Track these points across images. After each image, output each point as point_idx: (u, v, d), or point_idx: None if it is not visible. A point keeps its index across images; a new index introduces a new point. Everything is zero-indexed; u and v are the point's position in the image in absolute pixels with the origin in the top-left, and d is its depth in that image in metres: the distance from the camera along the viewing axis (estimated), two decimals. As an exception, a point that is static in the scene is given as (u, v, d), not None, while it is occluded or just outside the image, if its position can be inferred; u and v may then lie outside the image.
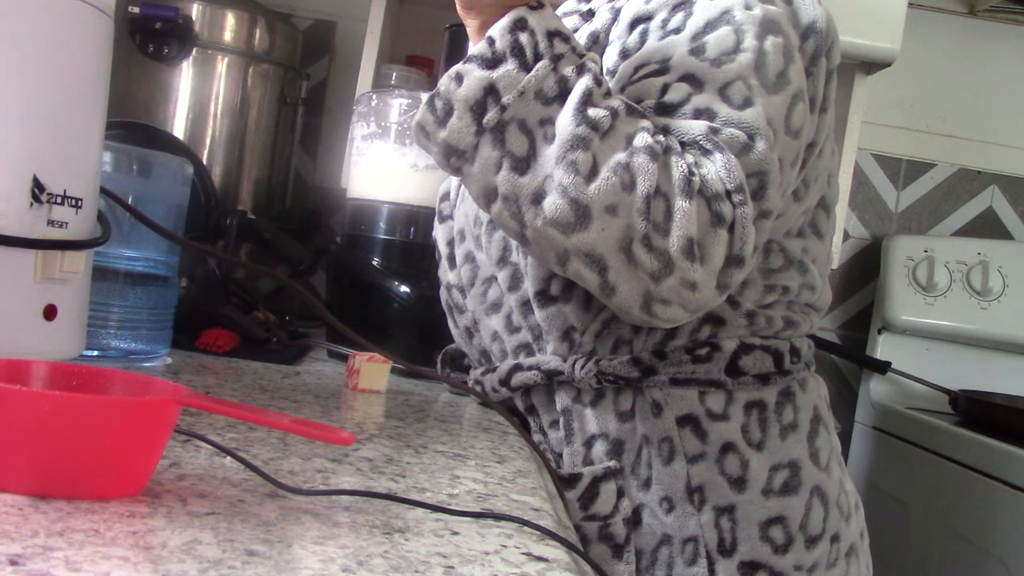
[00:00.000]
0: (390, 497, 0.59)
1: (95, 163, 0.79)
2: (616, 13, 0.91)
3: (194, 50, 1.54)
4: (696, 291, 0.78)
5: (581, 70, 0.78)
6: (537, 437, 0.94)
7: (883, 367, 1.93)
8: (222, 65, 1.57)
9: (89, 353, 0.87)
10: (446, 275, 1.04)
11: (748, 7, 0.84)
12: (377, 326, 1.19)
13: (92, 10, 0.74)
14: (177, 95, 1.54)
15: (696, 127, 0.80)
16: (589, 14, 0.98)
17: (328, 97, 1.89)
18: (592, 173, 0.75)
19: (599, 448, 0.88)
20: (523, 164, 0.76)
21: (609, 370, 0.88)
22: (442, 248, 1.05)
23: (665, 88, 0.83)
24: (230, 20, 1.58)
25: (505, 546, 0.55)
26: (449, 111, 0.77)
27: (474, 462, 0.76)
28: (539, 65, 0.77)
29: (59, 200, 0.72)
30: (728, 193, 0.77)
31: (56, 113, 0.72)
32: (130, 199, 0.89)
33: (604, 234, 0.76)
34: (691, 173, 0.77)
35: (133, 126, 1.43)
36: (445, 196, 1.07)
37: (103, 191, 0.82)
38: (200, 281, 1.18)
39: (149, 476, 0.54)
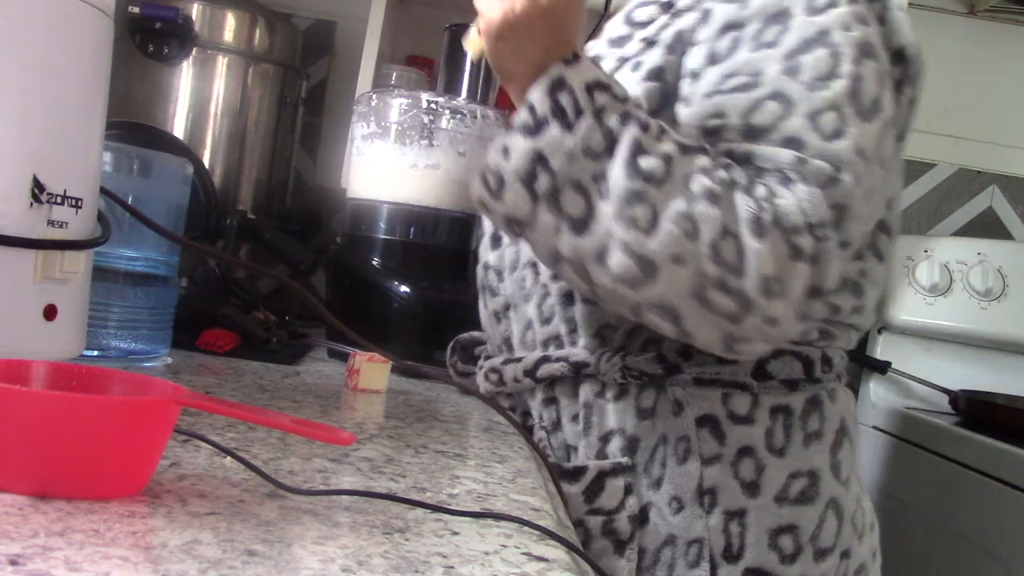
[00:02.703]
0: (390, 497, 0.59)
1: (95, 163, 0.79)
2: (706, 14, 0.87)
3: (194, 50, 1.54)
4: (777, 326, 0.77)
5: (625, 118, 0.77)
6: (540, 434, 0.93)
7: (883, 367, 1.92)
8: (222, 65, 1.57)
9: (89, 353, 0.87)
10: (486, 254, 1.03)
11: (847, 28, 0.82)
12: (377, 326, 1.19)
13: (92, 10, 0.74)
14: (177, 95, 1.54)
15: (783, 156, 0.78)
16: (667, 6, 0.95)
17: (328, 97, 1.89)
18: (653, 226, 0.74)
19: (615, 444, 0.88)
20: (582, 225, 0.76)
21: (634, 365, 0.88)
22: (487, 226, 1.04)
23: (754, 106, 0.80)
24: (230, 20, 1.58)
25: (505, 546, 0.55)
26: (502, 184, 0.77)
27: (474, 462, 0.76)
28: (582, 122, 0.76)
29: (59, 200, 0.72)
30: (810, 226, 0.76)
31: (56, 113, 0.72)
32: (130, 199, 0.89)
33: (673, 285, 0.75)
34: (761, 208, 0.75)
35: (133, 126, 1.43)
36: None
37: (103, 191, 0.82)
38: (200, 281, 1.18)
39: (149, 476, 0.54)
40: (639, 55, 0.93)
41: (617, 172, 0.75)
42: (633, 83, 0.88)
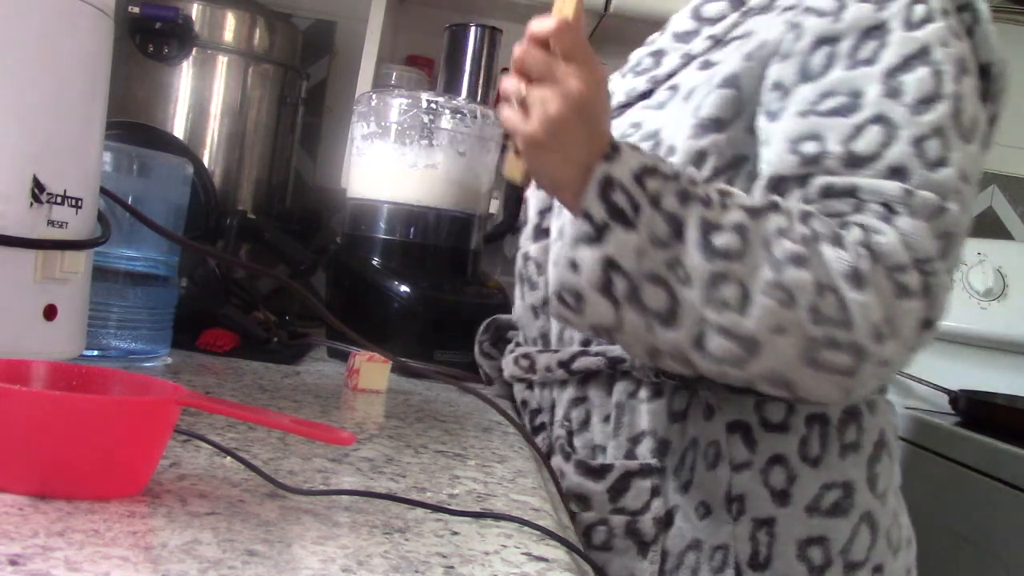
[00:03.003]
0: (390, 497, 0.59)
1: (95, 163, 0.79)
2: (796, 28, 0.83)
3: (194, 50, 1.54)
4: (891, 366, 0.75)
5: (684, 198, 0.74)
6: (559, 432, 0.91)
7: (883, 367, 1.92)
8: (222, 65, 1.57)
9: (89, 353, 0.87)
10: (528, 244, 1.01)
11: (945, 44, 0.79)
12: (377, 326, 1.19)
13: (92, 10, 0.74)
14: (177, 95, 1.54)
15: (889, 189, 0.75)
16: (739, 3, 0.92)
17: (328, 97, 1.89)
18: (745, 303, 0.72)
19: (645, 446, 0.86)
20: (671, 317, 0.73)
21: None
22: (531, 215, 1.01)
23: (855, 133, 0.77)
24: (230, 20, 1.58)
25: (505, 546, 0.55)
26: (580, 298, 0.75)
27: (474, 462, 0.76)
28: (642, 216, 0.73)
29: (59, 200, 0.72)
30: (916, 262, 0.73)
31: (56, 113, 0.72)
32: (130, 199, 0.89)
33: (780, 355, 0.72)
34: (857, 255, 0.72)
35: (133, 126, 1.43)
36: None
37: (103, 191, 0.82)
38: (200, 281, 1.18)
39: (149, 476, 0.54)
40: (707, 53, 0.90)
41: (693, 257, 0.72)
42: (702, 85, 0.86)
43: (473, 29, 1.66)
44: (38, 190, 0.70)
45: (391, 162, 1.26)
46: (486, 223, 1.34)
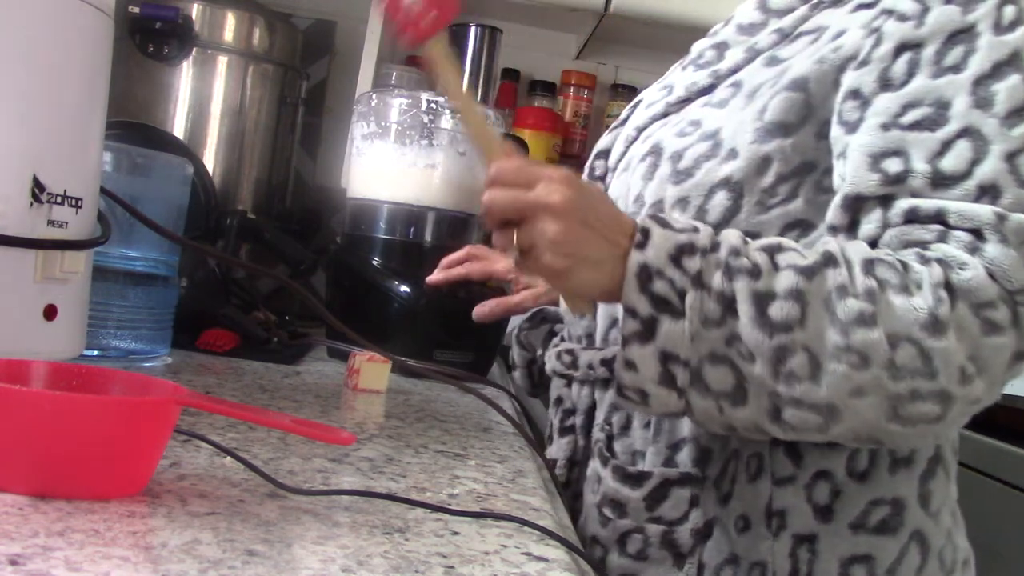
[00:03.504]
0: (390, 497, 0.59)
1: (95, 163, 0.79)
2: (875, 33, 0.77)
3: (194, 50, 1.54)
4: (982, 403, 0.71)
5: (728, 272, 0.70)
6: (598, 435, 0.88)
7: (883, 367, 1.92)
8: (222, 65, 1.57)
9: (89, 353, 0.87)
10: None
11: None
12: (377, 326, 1.19)
13: (92, 10, 0.74)
14: (177, 95, 1.54)
15: (982, 214, 0.70)
16: None
17: (328, 97, 1.89)
18: (816, 372, 0.68)
19: (685, 453, 0.83)
20: (740, 395, 0.70)
21: None
22: None
23: (943, 148, 0.72)
24: (230, 20, 1.58)
25: (505, 546, 0.55)
26: (644, 395, 0.72)
27: (474, 462, 0.76)
28: (689, 301, 0.69)
29: (59, 200, 0.72)
30: (1008, 294, 0.69)
31: (56, 113, 0.72)
32: (130, 199, 0.89)
33: (862, 416, 0.69)
34: (936, 300, 0.68)
35: (133, 126, 1.43)
36: (601, 154, 0.98)
37: (103, 191, 0.82)
38: (200, 281, 1.18)
39: (149, 476, 0.54)
40: (774, 48, 0.86)
41: (751, 334, 0.68)
42: (768, 85, 0.82)
43: (473, 29, 1.66)
44: (38, 190, 0.70)
45: (391, 162, 1.26)
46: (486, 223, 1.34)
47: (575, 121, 1.96)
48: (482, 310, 1.17)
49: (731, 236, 0.72)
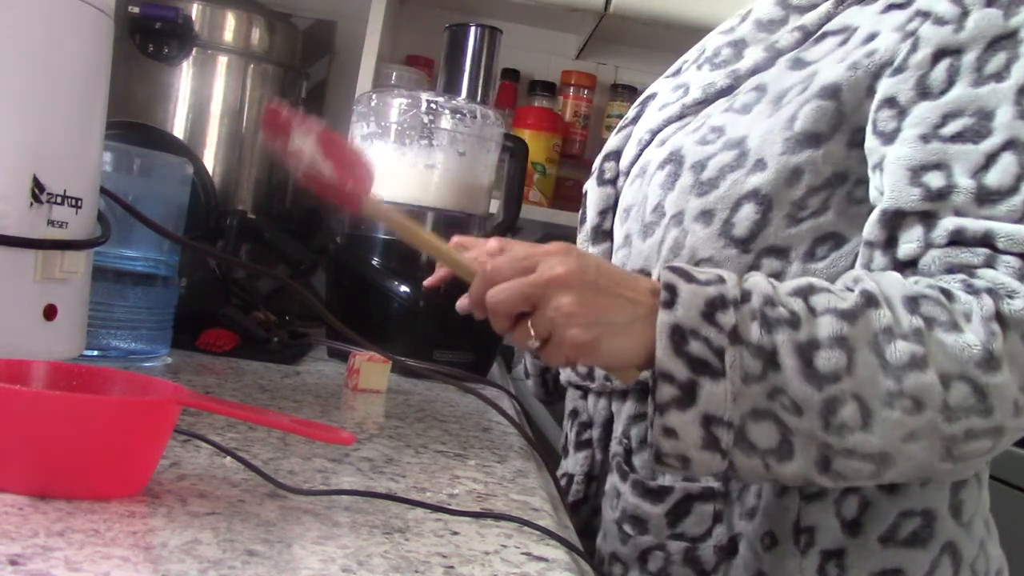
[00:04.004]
0: (390, 497, 0.59)
1: (95, 163, 0.79)
2: (911, 37, 0.74)
3: (194, 50, 1.54)
4: None
5: (766, 324, 0.66)
6: (616, 448, 0.86)
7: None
8: (222, 65, 1.57)
9: (89, 353, 0.87)
10: (585, 247, 0.93)
11: None
12: (377, 326, 1.19)
13: (92, 10, 0.74)
14: (177, 95, 1.54)
15: None
16: None
17: (328, 97, 1.89)
18: (867, 421, 0.65)
19: None
20: (786, 449, 0.66)
21: None
22: (591, 215, 0.93)
23: (987, 162, 0.69)
24: (230, 20, 1.58)
25: (505, 546, 0.55)
26: (686, 461, 0.68)
27: (474, 462, 0.76)
28: (728, 360, 0.65)
29: (59, 200, 0.72)
30: None
31: (56, 113, 0.72)
32: (130, 199, 0.89)
33: (915, 460, 0.66)
34: (989, 335, 0.65)
35: (133, 126, 1.43)
36: (611, 155, 0.94)
37: (103, 191, 0.82)
38: (200, 281, 1.18)
39: (149, 476, 0.54)
40: (798, 49, 0.82)
41: (799, 388, 0.65)
42: (795, 91, 0.78)
43: (473, 29, 1.66)
44: (38, 190, 0.70)
45: (391, 162, 1.26)
46: (486, 223, 1.34)
47: (575, 121, 1.96)
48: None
49: (760, 283, 0.69)
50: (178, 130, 1.54)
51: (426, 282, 1.19)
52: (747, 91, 0.83)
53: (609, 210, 0.92)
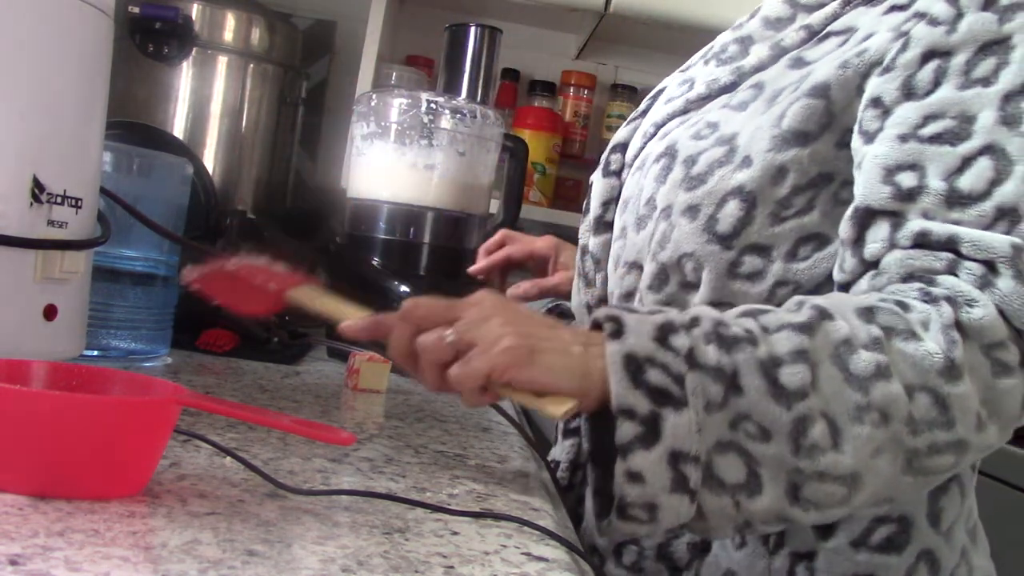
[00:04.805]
0: (390, 497, 0.59)
1: (95, 163, 0.79)
2: (903, 37, 0.73)
3: (194, 50, 1.54)
4: (993, 447, 0.67)
5: (724, 344, 0.62)
6: None
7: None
8: (222, 65, 1.57)
9: (89, 353, 0.87)
10: (587, 237, 0.92)
11: None
12: (377, 326, 1.18)
13: (92, 10, 0.74)
14: (177, 95, 1.54)
15: (997, 245, 0.65)
16: None
17: (328, 97, 1.89)
18: (837, 440, 0.61)
19: None
20: (755, 484, 0.62)
21: None
22: (594, 205, 0.92)
23: (962, 164, 0.67)
24: (230, 20, 1.58)
25: (505, 546, 0.55)
26: (653, 510, 0.62)
27: (474, 462, 0.76)
28: (688, 386, 0.61)
29: (59, 200, 0.72)
30: (1016, 334, 0.65)
31: (56, 113, 0.72)
32: (130, 199, 0.89)
33: (880, 477, 0.63)
34: (949, 344, 0.63)
35: (133, 126, 1.43)
36: (618, 147, 0.93)
37: (103, 191, 0.82)
38: (200, 281, 1.18)
39: (149, 476, 0.54)
40: (801, 47, 0.81)
41: (766, 409, 0.61)
42: (789, 89, 0.77)
43: (473, 29, 1.66)
44: (38, 190, 0.70)
45: (391, 162, 1.26)
46: (486, 223, 1.34)
47: (575, 121, 1.96)
48: (517, 291, 1.12)
49: (705, 309, 0.66)
50: (178, 130, 1.54)
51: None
52: (746, 88, 0.82)
53: (612, 201, 0.91)
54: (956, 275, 0.66)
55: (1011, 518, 1.45)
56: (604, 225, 0.91)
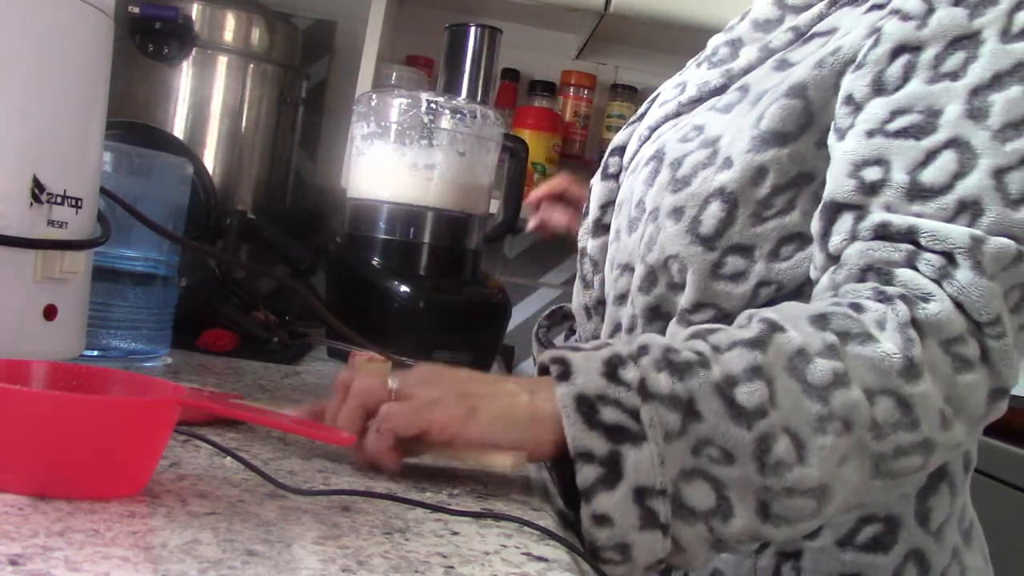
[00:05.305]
0: (390, 497, 0.59)
1: (95, 163, 0.79)
2: (874, 31, 0.73)
3: (194, 50, 1.54)
4: (962, 445, 0.67)
5: (676, 370, 0.61)
6: None
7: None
8: (222, 65, 1.57)
9: (89, 353, 0.87)
10: (585, 239, 0.93)
11: None
12: (377, 326, 1.19)
13: (92, 10, 0.74)
14: (177, 95, 1.54)
15: (955, 236, 0.64)
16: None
17: (328, 97, 1.89)
18: (802, 453, 0.60)
19: None
20: (726, 508, 0.61)
21: None
22: (593, 208, 0.92)
23: (925, 158, 0.67)
24: (230, 20, 1.58)
25: (505, 546, 0.55)
26: (626, 549, 0.60)
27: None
28: (644, 419, 0.60)
29: (59, 200, 0.72)
30: (976, 327, 0.64)
31: (56, 113, 0.72)
32: (130, 199, 0.89)
33: (848, 485, 0.62)
34: (907, 343, 0.62)
35: (133, 126, 1.43)
36: (617, 150, 0.94)
37: (103, 191, 0.82)
38: (200, 281, 1.18)
39: (149, 476, 0.54)
40: (786, 49, 0.81)
41: (727, 432, 0.60)
42: (771, 91, 0.77)
43: (473, 29, 1.66)
44: (38, 190, 0.70)
45: (391, 162, 1.26)
46: (486, 223, 1.34)
47: (575, 121, 1.96)
48: (536, 193, 1.25)
49: (653, 336, 0.65)
50: (178, 130, 1.54)
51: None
52: (732, 90, 0.83)
53: (610, 204, 0.92)
54: (915, 267, 0.65)
55: (1011, 518, 1.44)
56: (602, 228, 0.92)
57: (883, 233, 0.67)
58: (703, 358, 0.62)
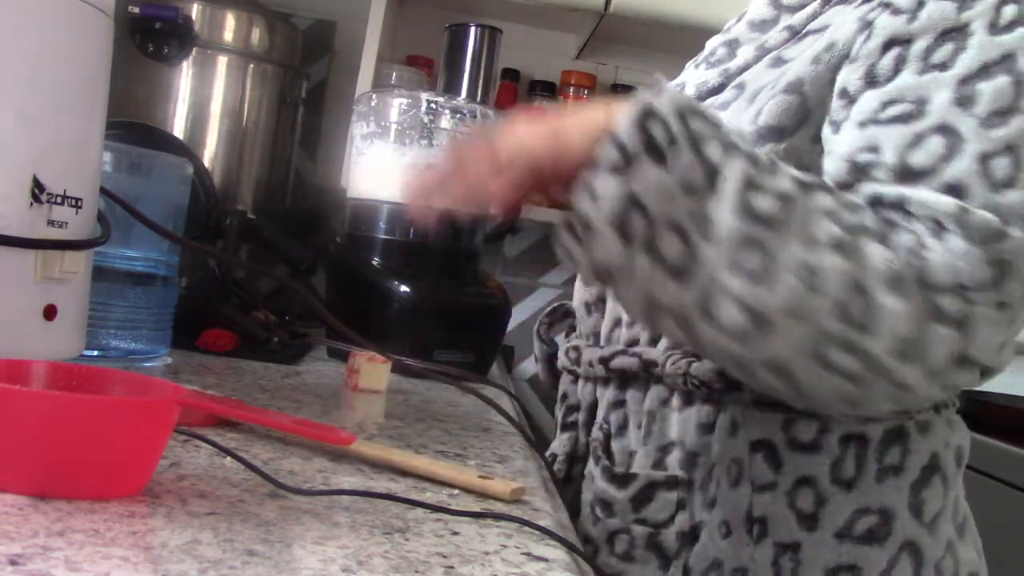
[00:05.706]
0: (390, 497, 0.59)
1: (95, 163, 0.79)
2: (867, 26, 0.75)
3: (194, 50, 1.54)
4: (911, 392, 0.68)
5: (729, 149, 0.66)
6: (596, 434, 0.88)
7: (883, 367, 1.92)
8: (222, 65, 1.57)
9: (89, 353, 0.87)
10: None
11: None
12: (377, 326, 1.19)
13: (92, 10, 0.74)
14: (177, 95, 1.54)
15: (943, 205, 0.67)
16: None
17: (328, 97, 1.89)
18: (768, 276, 0.64)
19: (674, 456, 0.81)
20: (683, 272, 0.65)
21: (696, 373, 0.80)
22: None
23: (914, 141, 0.69)
24: (230, 20, 1.58)
25: (505, 546, 0.55)
26: (589, 230, 0.66)
27: (474, 462, 0.76)
28: (678, 155, 0.64)
29: (59, 200, 0.72)
30: (959, 287, 0.66)
31: (56, 113, 0.72)
32: (130, 199, 0.89)
33: (789, 342, 0.65)
34: (906, 261, 0.65)
35: (133, 126, 1.43)
36: None
37: (103, 191, 0.82)
38: (200, 281, 1.18)
39: (149, 476, 0.54)
40: (783, 47, 0.83)
41: (725, 213, 0.64)
42: (767, 87, 0.79)
43: (473, 29, 1.66)
44: (38, 190, 0.70)
45: (391, 162, 1.26)
46: (486, 223, 1.35)
47: (575, 121, 1.96)
48: None
49: (739, 133, 0.69)
50: (178, 130, 1.54)
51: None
52: (730, 88, 0.84)
53: None
54: (912, 224, 0.68)
55: (1009, 517, 1.44)
56: None
57: (875, 203, 0.70)
58: (756, 159, 0.66)
